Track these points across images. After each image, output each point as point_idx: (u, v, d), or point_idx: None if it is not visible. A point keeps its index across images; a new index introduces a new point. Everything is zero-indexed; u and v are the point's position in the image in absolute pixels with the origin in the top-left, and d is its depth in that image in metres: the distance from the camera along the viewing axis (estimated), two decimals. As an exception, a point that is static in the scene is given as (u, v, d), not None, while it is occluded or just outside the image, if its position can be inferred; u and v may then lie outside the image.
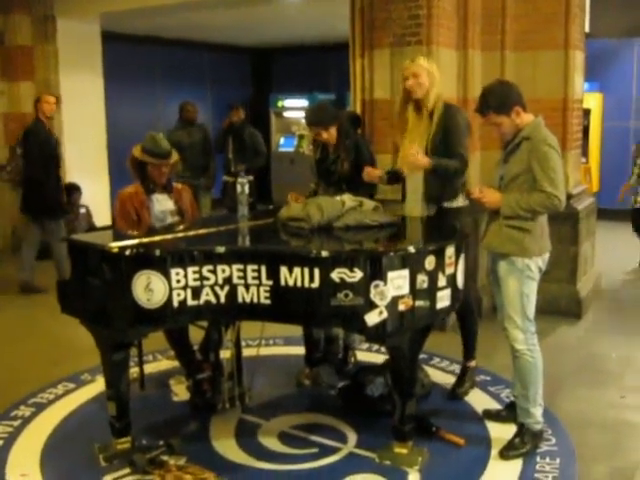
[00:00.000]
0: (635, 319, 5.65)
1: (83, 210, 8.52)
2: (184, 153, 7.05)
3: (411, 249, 3.06)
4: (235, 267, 3.05)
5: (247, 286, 3.04)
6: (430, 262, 3.02)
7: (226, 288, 3.07)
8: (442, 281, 3.09)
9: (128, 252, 3.07)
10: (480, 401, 3.96)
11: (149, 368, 4.42)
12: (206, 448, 3.49)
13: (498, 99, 3.28)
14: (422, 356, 4.13)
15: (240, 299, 3.06)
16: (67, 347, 4.96)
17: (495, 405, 3.90)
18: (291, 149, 12.32)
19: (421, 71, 3.79)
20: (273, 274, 2.99)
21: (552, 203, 3.20)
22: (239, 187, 3.92)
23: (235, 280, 3.05)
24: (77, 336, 3.90)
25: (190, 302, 3.06)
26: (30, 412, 3.92)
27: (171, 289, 3.03)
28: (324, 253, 2.98)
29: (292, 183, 7.14)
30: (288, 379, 4.31)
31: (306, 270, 2.93)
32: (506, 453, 3.33)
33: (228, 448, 3.48)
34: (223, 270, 3.05)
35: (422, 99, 3.80)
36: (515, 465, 3.27)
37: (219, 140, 7.88)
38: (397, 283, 2.94)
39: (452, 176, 3.80)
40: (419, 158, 3.70)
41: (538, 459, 3.31)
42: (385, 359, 3.92)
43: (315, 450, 3.43)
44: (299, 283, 2.95)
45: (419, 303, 3.01)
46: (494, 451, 3.38)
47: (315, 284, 2.93)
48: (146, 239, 3.37)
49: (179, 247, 3.29)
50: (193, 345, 4.16)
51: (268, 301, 3.02)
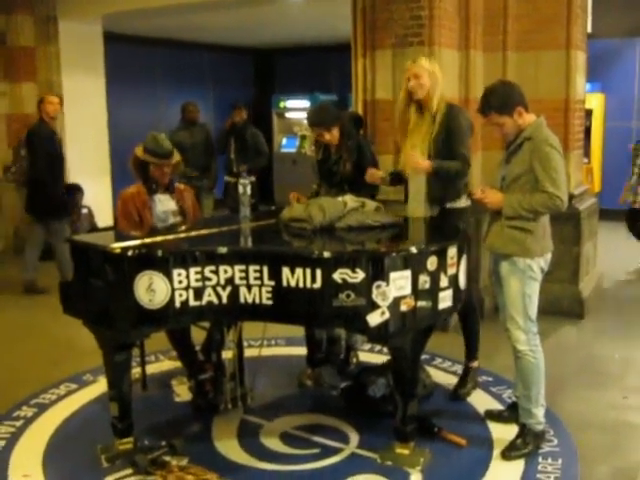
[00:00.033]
0: (637, 320, 5.64)
1: (85, 211, 8.52)
2: (186, 154, 7.06)
3: (413, 249, 3.06)
4: (237, 268, 3.05)
5: (249, 287, 3.05)
6: (432, 262, 3.02)
7: (228, 289, 3.07)
8: (444, 281, 3.09)
9: (130, 253, 3.07)
10: (482, 402, 3.96)
11: (151, 369, 4.42)
12: (208, 449, 3.49)
13: (500, 99, 3.27)
14: (424, 356, 4.13)
15: (242, 299, 3.06)
16: (69, 348, 4.96)
17: (497, 406, 3.90)
18: (293, 150, 12.30)
19: (422, 72, 3.79)
20: (275, 275, 2.99)
21: (554, 203, 3.20)
22: (241, 188, 3.92)
23: (237, 281, 3.06)
24: (79, 337, 3.90)
25: (192, 303, 3.07)
26: (32, 413, 3.93)
27: (173, 290, 3.03)
28: (326, 254, 2.99)
29: (294, 184, 7.13)
30: (290, 380, 4.31)
31: (308, 271, 2.94)
32: (508, 454, 3.33)
33: (230, 449, 3.48)
34: (225, 271, 3.06)
35: (424, 100, 3.81)
36: (517, 466, 3.27)
37: (221, 140, 7.87)
38: (399, 284, 2.94)
39: (454, 177, 3.80)
40: (420, 162, 3.71)
41: (540, 460, 3.31)
42: (387, 360, 3.91)
43: (317, 451, 3.44)
44: (301, 284, 2.95)
45: (421, 303, 3.01)
46: (496, 452, 3.38)
47: (317, 285, 2.93)
48: (148, 240, 3.37)
49: (181, 248, 3.29)
50: (195, 346, 4.16)
51: (270, 302, 3.02)
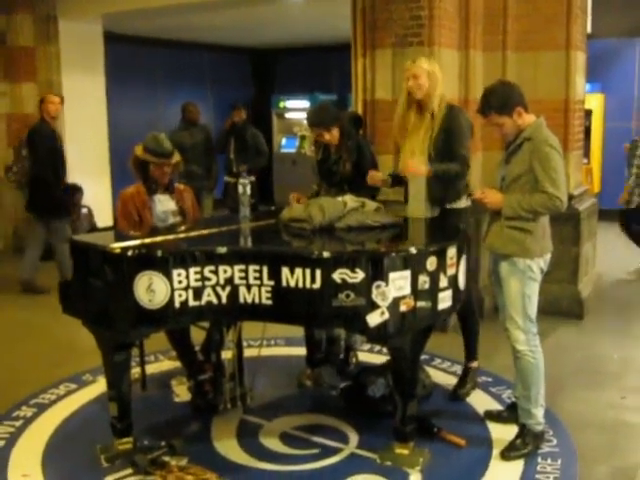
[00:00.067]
0: (636, 320, 5.65)
1: (85, 211, 8.52)
2: (186, 154, 7.06)
3: (412, 250, 3.06)
4: (237, 268, 3.05)
5: (249, 287, 3.05)
6: (432, 263, 3.02)
7: (228, 289, 3.07)
8: (444, 282, 3.09)
9: (130, 253, 3.07)
10: (481, 402, 3.96)
11: (151, 369, 4.42)
12: (207, 449, 3.49)
13: (500, 100, 3.27)
14: (423, 357, 4.13)
15: (242, 300, 3.06)
16: (68, 348, 4.96)
17: (496, 406, 3.90)
18: (293, 150, 12.30)
19: (421, 72, 3.78)
20: (275, 275, 2.99)
21: (554, 204, 3.20)
22: (241, 188, 3.92)
23: (237, 281, 3.06)
24: (78, 337, 3.90)
25: (192, 303, 3.07)
26: (32, 413, 3.92)
27: (173, 290, 3.03)
28: (326, 254, 2.99)
29: (294, 184, 7.13)
30: (289, 380, 4.31)
31: (308, 271, 2.94)
32: (507, 454, 3.33)
33: (229, 449, 3.48)
34: (225, 271, 3.06)
35: (423, 100, 3.81)
36: (516, 466, 3.27)
37: (221, 140, 7.87)
38: (399, 284, 2.94)
39: (453, 179, 3.80)
40: (418, 169, 3.71)
41: (539, 460, 3.31)
42: (386, 360, 3.92)
43: (316, 451, 3.44)
44: (301, 284, 2.95)
45: (420, 304, 3.01)
46: (495, 452, 3.38)
47: (317, 285, 2.93)
48: (148, 240, 3.37)
49: (181, 248, 3.29)
50: (195, 346, 4.16)
51: (270, 302, 3.02)
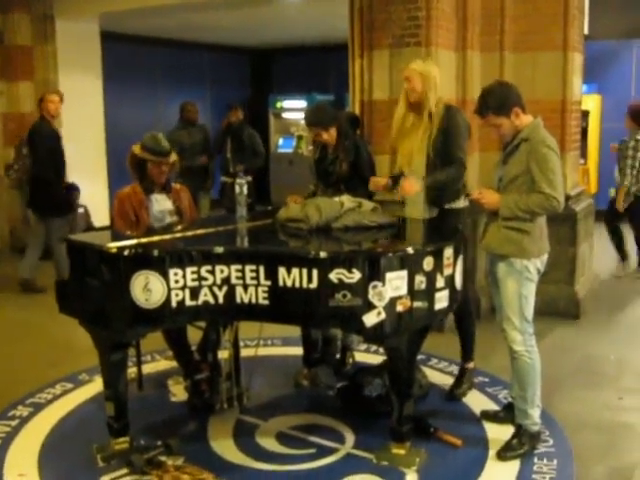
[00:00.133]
0: (633, 321, 5.66)
1: (81, 210, 8.50)
2: (185, 153, 7.06)
3: (409, 250, 3.07)
4: (233, 267, 3.05)
5: (245, 286, 3.05)
6: (428, 263, 3.03)
7: (224, 288, 3.07)
8: (440, 282, 3.09)
9: (126, 252, 3.07)
10: (478, 402, 3.96)
11: (147, 368, 4.41)
12: (204, 448, 3.49)
13: (497, 100, 3.27)
14: (420, 357, 4.12)
15: (238, 299, 3.06)
16: (65, 347, 4.96)
17: (493, 406, 3.90)
18: (290, 150, 12.29)
19: (413, 75, 3.77)
20: (271, 275, 2.99)
21: (551, 204, 3.20)
22: (238, 188, 3.93)
23: (233, 280, 3.06)
24: (75, 336, 3.90)
25: (188, 302, 3.06)
26: (28, 412, 3.92)
27: (169, 289, 3.03)
28: (322, 254, 2.99)
29: (291, 184, 7.15)
30: (286, 380, 4.31)
31: (304, 271, 2.94)
32: (504, 454, 3.33)
33: (226, 448, 3.48)
34: (221, 270, 3.06)
35: (420, 102, 3.79)
36: (512, 466, 3.27)
37: (217, 140, 7.87)
38: (395, 284, 2.94)
39: (450, 184, 3.81)
40: (413, 187, 3.70)
41: (535, 460, 3.31)
42: (383, 360, 3.92)
43: (313, 451, 3.43)
44: (297, 284, 2.95)
45: (417, 304, 3.01)
46: (492, 452, 3.38)
47: (313, 285, 2.93)
48: (144, 239, 3.37)
49: (177, 247, 3.29)
50: (191, 345, 4.15)
51: (266, 301, 3.02)
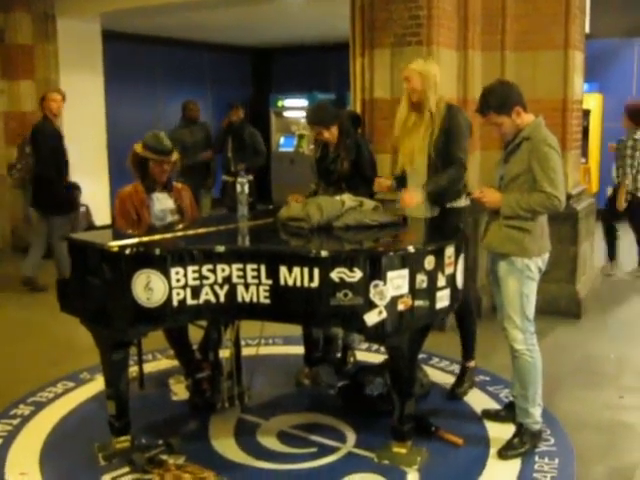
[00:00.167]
0: (633, 320, 5.65)
1: (83, 209, 8.50)
2: (187, 152, 7.06)
3: (410, 249, 3.06)
4: (235, 266, 3.05)
5: (247, 285, 3.04)
6: (430, 262, 3.02)
7: (225, 287, 3.07)
8: (441, 281, 3.09)
9: (128, 251, 3.07)
10: (479, 401, 3.96)
11: (148, 367, 4.42)
12: (205, 447, 3.49)
13: (499, 99, 3.27)
14: (421, 356, 4.13)
15: (239, 298, 3.06)
16: (66, 346, 4.96)
17: (494, 405, 3.90)
18: (291, 149, 12.30)
19: (412, 75, 3.77)
20: (273, 274, 2.99)
21: (552, 203, 3.20)
22: (239, 187, 3.93)
23: (235, 279, 3.06)
24: (76, 335, 3.90)
25: (190, 301, 3.06)
26: (29, 411, 3.92)
27: (171, 288, 3.03)
28: (324, 253, 2.98)
29: (292, 183, 7.14)
30: (287, 379, 4.31)
31: (306, 270, 2.93)
32: (505, 453, 3.33)
33: (227, 447, 3.48)
34: (223, 269, 3.05)
35: (420, 102, 3.79)
36: (514, 465, 3.27)
37: (218, 139, 7.88)
38: (396, 283, 2.94)
39: (452, 185, 3.81)
40: (414, 199, 3.73)
41: (537, 459, 3.32)
42: (384, 359, 3.92)
43: (314, 450, 3.44)
44: (298, 283, 2.95)
45: (418, 303, 3.01)
46: (493, 451, 3.38)
47: (315, 284, 2.93)
48: (146, 238, 3.37)
49: (179, 246, 3.29)
50: (192, 344, 4.16)
51: (267, 300, 3.02)
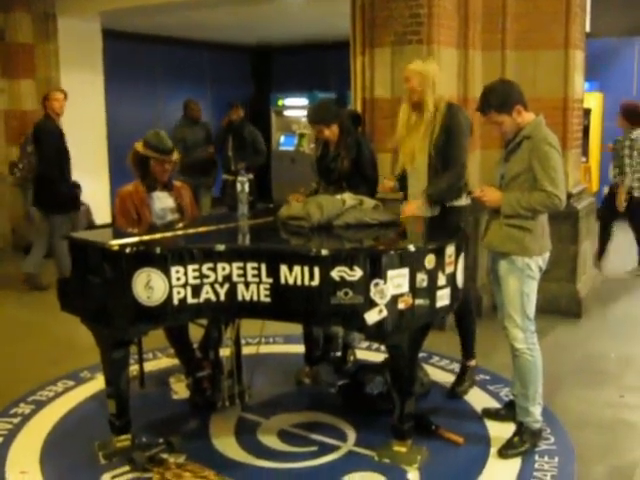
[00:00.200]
0: (634, 319, 5.65)
1: (83, 208, 8.50)
2: (188, 151, 7.06)
3: (411, 248, 3.06)
4: (235, 265, 3.05)
5: (247, 284, 3.05)
6: (430, 261, 3.02)
7: (226, 286, 3.07)
8: (442, 280, 3.09)
9: (128, 250, 3.07)
10: (479, 400, 3.96)
11: (149, 366, 4.42)
12: (206, 446, 3.49)
13: (499, 98, 3.27)
14: (421, 355, 4.13)
15: (240, 297, 3.06)
16: (67, 345, 4.96)
17: (494, 404, 3.90)
18: (291, 148, 12.28)
19: (412, 75, 3.78)
20: (273, 272, 2.99)
21: (552, 202, 3.20)
22: (239, 185, 3.93)
23: (235, 278, 3.06)
24: (77, 334, 3.90)
25: (190, 300, 3.06)
26: (30, 409, 3.92)
27: (171, 287, 3.03)
28: (324, 251, 2.99)
29: (292, 182, 7.12)
30: (288, 377, 4.32)
31: (306, 268, 2.94)
32: (505, 452, 3.33)
33: (228, 446, 3.48)
34: (223, 268, 3.05)
35: (420, 102, 3.79)
36: (514, 464, 3.27)
37: (219, 138, 7.88)
38: (397, 282, 2.94)
39: (452, 187, 3.81)
40: (415, 209, 3.75)
41: (537, 458, 3.32)
42: (384, 358, 3.92)
43: (315, 448, 3.44)
44: (299, 281, 2.95)
45: (419, 302, 3.01)
46: (493, 450, 3.38)
47: (315, 282, 2.93)
48: (146, 237, 3.37)
49: (179, 245, 3.29)
50: (193, 343, 4.16)
51: (268, 299, 3.03)
